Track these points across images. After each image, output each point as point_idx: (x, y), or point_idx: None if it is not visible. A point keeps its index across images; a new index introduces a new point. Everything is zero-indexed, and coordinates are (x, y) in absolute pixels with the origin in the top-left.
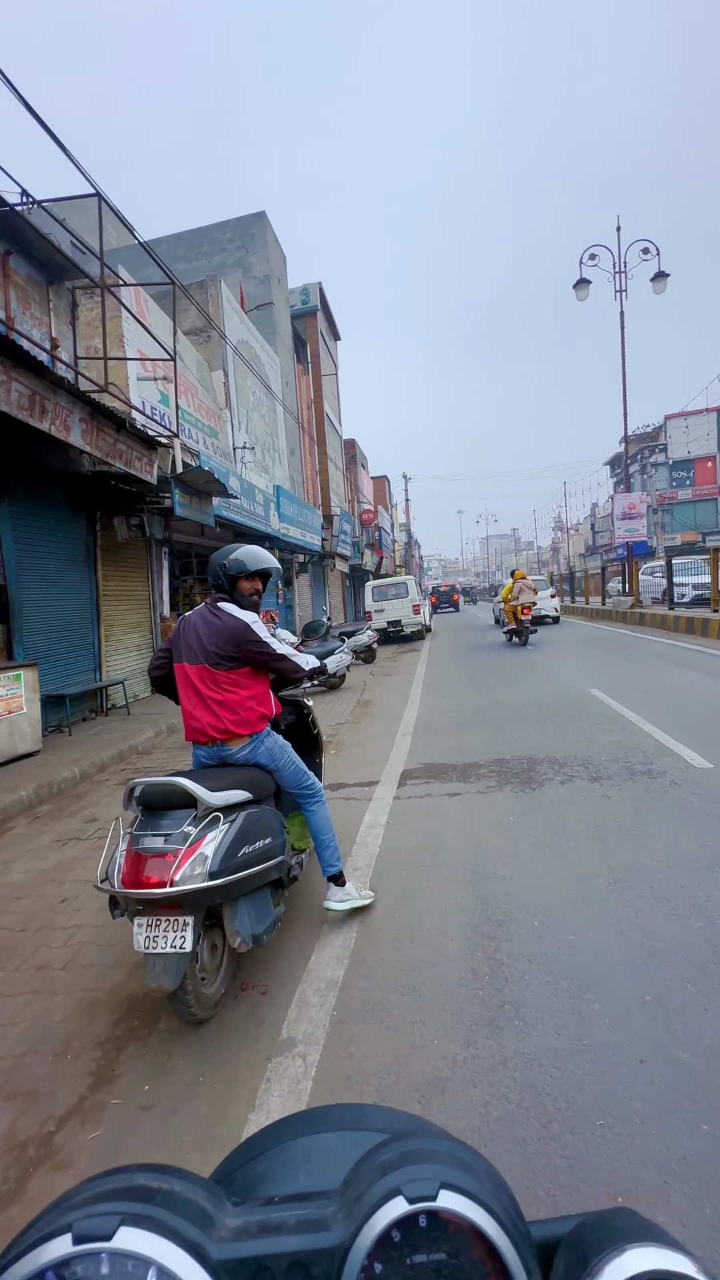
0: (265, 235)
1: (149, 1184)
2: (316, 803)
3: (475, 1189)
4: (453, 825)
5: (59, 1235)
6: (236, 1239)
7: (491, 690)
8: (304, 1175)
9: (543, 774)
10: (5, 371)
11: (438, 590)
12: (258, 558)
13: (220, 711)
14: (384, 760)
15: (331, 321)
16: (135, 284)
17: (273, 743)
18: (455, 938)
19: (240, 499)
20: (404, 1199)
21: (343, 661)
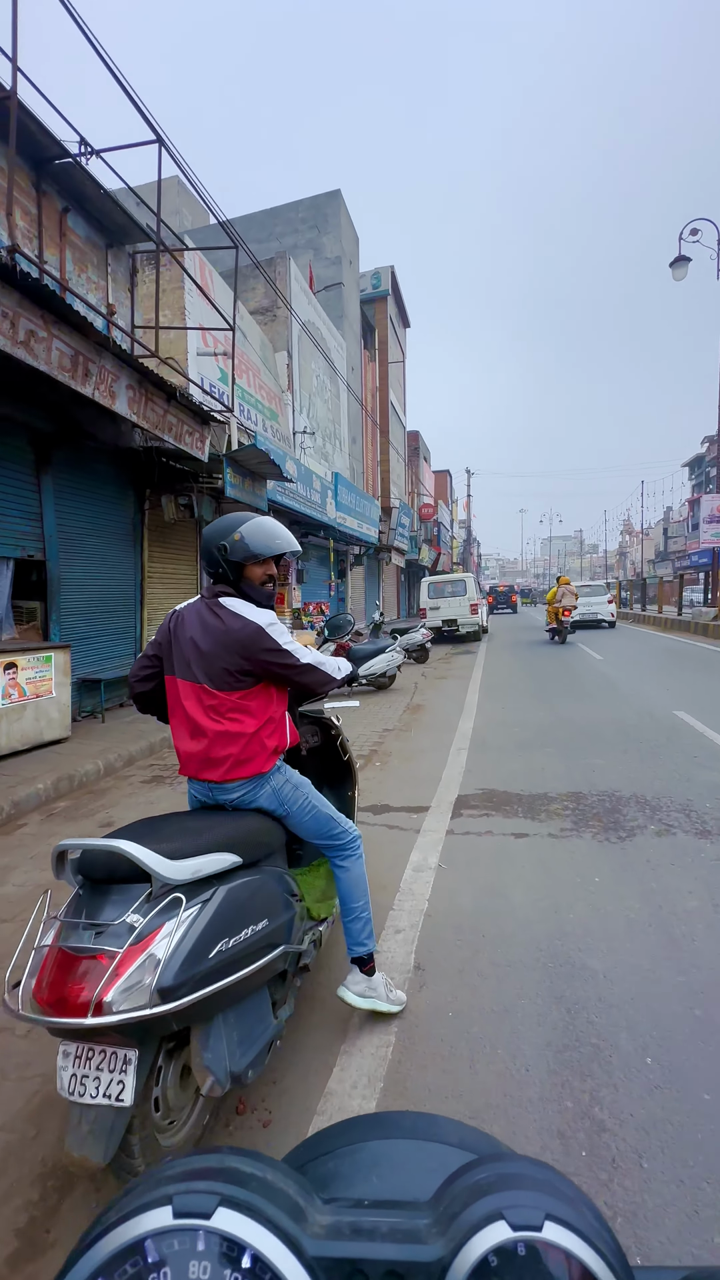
0: (339, 214)
1: (242, 1168)
2: (348, 857)
3: (581, 1224)
4: (521, 880)
5: (159, 1206)
6: (330, 1237)
7: (559, 704)
8: (376, 1179)
9: (631, 818)
10: (45, 327)
11: (495, 590)
12: (270, 536)
13: (219, 746)
14: (435, 780)
15: (402, 307)
16: (196, 248)
17: (282, 781)
18: (532, 1068)
19: (296, 484)
20: (507, 1224)
21: (394, 661)
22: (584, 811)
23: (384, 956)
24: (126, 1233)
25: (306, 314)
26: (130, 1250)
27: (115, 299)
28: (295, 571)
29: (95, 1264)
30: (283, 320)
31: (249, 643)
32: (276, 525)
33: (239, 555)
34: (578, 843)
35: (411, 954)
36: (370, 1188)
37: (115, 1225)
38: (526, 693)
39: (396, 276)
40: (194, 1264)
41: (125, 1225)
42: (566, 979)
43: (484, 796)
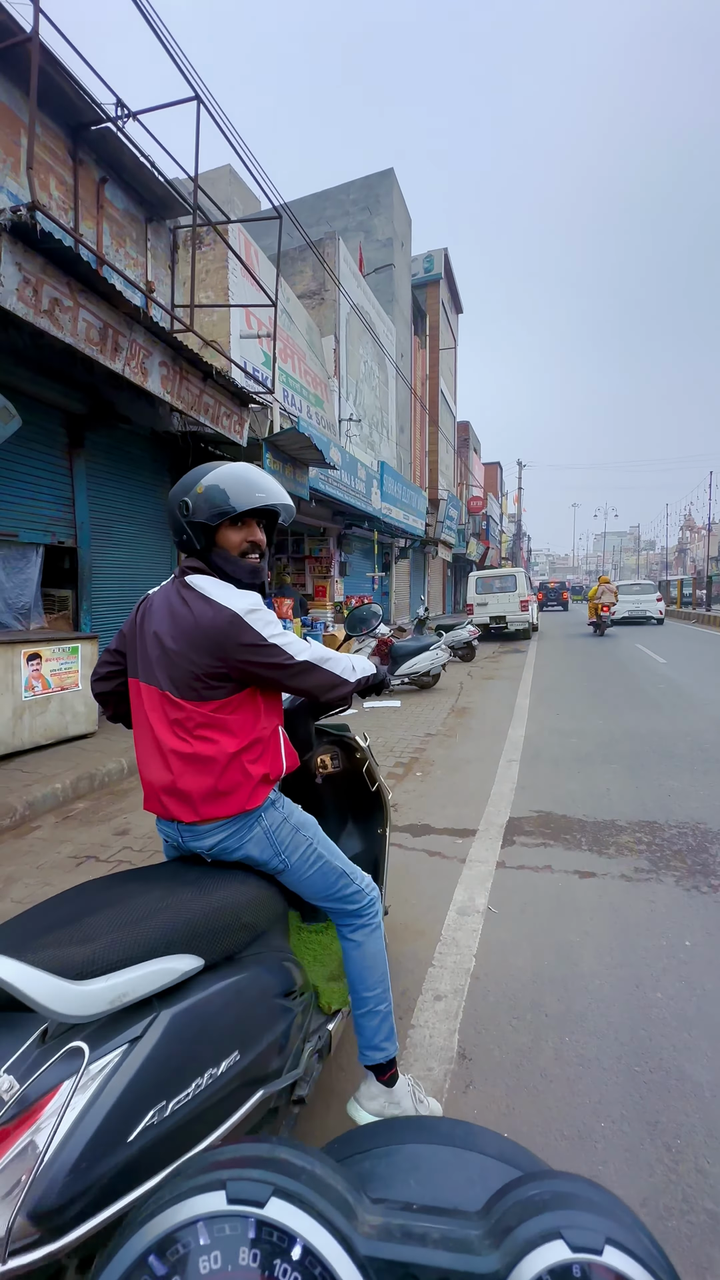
0: (391, 194)
1: (293, 1160)
2: (361, 927)
3: (642, 1252)
4: (591, 937)
5: (213, 1190)
6: (381, 1238)
7: (621, 712)
8: (415, 1183)
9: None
10: (72, 296)
11: (545, 587)
12: (246, 485)
13: (188, 775)
14: (483, 797)
15: (455, 292)
16: (238, 219)
17: (277, 821)
18: None
19: (340, 472)
20: (565, 1244)
21: (438, 659)
22: (662, 847)
23: (420, 1034)
24: (179, 1213)
25: (356, 297)
26: (182, 1231)
27: (155, 276)
28: (339, 564)
29: (148, 1242)
30: (330, 304)
31: (221, 637)
32: (257, 473)
33: (205, 514)
34: (658, 889)
35: (455, 1033)
36: (409, 1191)
37: (169, 1204)
38: (583, 697)
39: (450, 259)
40: (244, 1250)
41: (179, 1206)
42: (660, 1093)
43: (540, 821)
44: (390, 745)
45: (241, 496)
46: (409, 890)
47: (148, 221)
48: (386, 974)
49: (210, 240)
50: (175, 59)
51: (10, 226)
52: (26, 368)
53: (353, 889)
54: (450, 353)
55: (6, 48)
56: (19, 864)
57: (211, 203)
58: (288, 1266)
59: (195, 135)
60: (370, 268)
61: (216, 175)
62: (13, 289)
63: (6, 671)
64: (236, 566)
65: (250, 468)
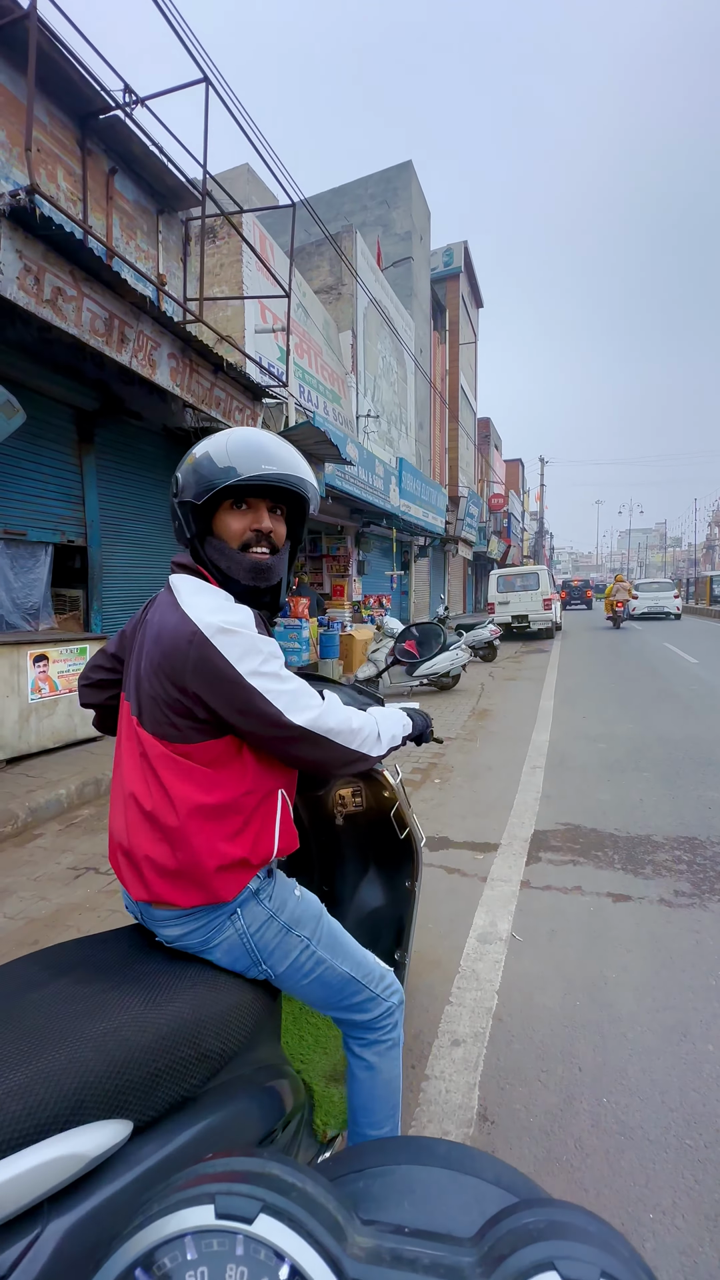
0: (409, 187)
1: (284, 1176)
2: (375, 1045)
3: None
4: (628, 973)
5: (202, 1204)
6: (371, 1261)
7: (651, 715)
8: (409, 1205)
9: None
10: (75, 285)
11: (569, 585)
12: (252, 451)
13: (141, 831)
14: (506, 808)
15: (475, 286)
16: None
17: (256, 920)
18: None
19: (357, 468)
20: (558, 1276)
21: (458, 659)
22: (704, 867)
23: (436, 1087)
24: (167, 1227)
25: (374, 291)
26: (169, 1245)
27: (166, 269)
28: (356, 563)
29: (135, 1255)
30: (347, 299)
31: (178, 659)
32: (269, 439)
33: (194, 490)
34: (704, 917)
35: (475, 1087)
36: (402, 1213)
37: (156, 1217)
38: (611, 700)
39: (470, 253)
40: (231, 1267)
41: (166, 1219)
42: (719, 1172)
43: (568, 835)
44: (407, 750)
45: (242, 464)
46: (425, 913)
47: (159, 213)
48: (398, 1106)
49: (225, 234)
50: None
51: (9, 211)
52: (34, 363)
53: (364, 997)
54: (470, 347)
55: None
56: (17, 875)
57: (225, 193)
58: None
59: (204, 119)
60: (388, 262)
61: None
62: (13, 277)
63: (12, 673)
64: (232, 562)
65: (261, 433)
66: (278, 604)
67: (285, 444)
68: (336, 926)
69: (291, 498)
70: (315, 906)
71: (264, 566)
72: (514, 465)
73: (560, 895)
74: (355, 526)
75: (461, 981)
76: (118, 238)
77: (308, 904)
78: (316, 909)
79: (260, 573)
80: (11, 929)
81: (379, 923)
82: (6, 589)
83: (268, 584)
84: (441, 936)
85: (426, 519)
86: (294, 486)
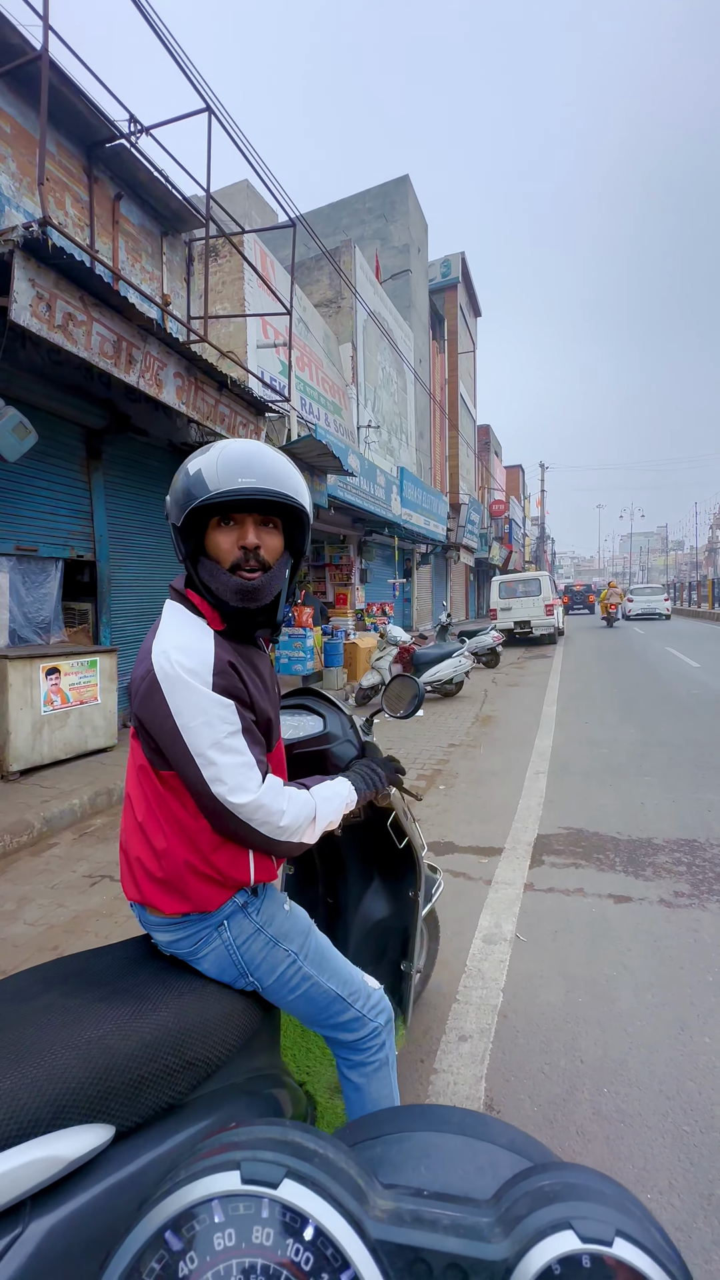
0: (407, 201)
1: (306, 1143)
2: (362, 1068)
3: (652, 1245)
4: (628, 970)
5: (228, 1170)
6: (393, 1222)
7: (653, 720)
8: (425, 1170)
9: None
10: (85, 310)
11: (571, 590)
12: (231, 463)
13: (134, 836)
14: (510, 813)
15: (473, 295)
16: (252, 230)
17: (243, 933)
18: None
19: (359, 478)
20: (575, 1235)
21: (461, 666)
22: (704, 868)
23: (444, 1080)
24: (194, 1191)
25: (372, 304)
26: (198, 1208)
27: (170, 289)
28: (359, 571)
29: (164, 1218)
30: (347, 312)
31: (136, 690)
32: (256, 451)
33: (176, 510)
34: (702, 917)
35: (481, 1080)
36: (419, 1177)
37: (185, 1183)
38: (613, 704)
39: (467, 263)
40: (257, 1229)
41: (194, 1184)
42: (714, 1158)
43: (570, 838)
44: (412, 756)
45: (218, 480)
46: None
47: (163, 235)
48: None
49: (226, 253)
50: (186, 71)
51: (23, 243)
52: (44, 384)
53: (350, 1015)
54: (469, 356)
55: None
56: (34, 883)
57: (226, 214)
58: (300, 1246)
59: (207, 146)
60: (387, 274)
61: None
62: (26, 304)
63: (25, 686)
64: (220, 584)
65: (245, 444)
66: (275, 622)
67: (272, 454)
68: (325, 943)
69: (285, 509)
70: (304, 922)
71: (250, 588)
72: (514, 471)
73: (563, 897)
74: (358, 535)
75: (468, 980)
76: (123, 260)
77: (296, 919)
78: (305, 924)
79: (247, 594)
80: (33, 935)
81: (385, 934)
82: (19, 604)
83: (257, 605)
84: (449, 938)
85: (428, 527)
86: (275, 499)
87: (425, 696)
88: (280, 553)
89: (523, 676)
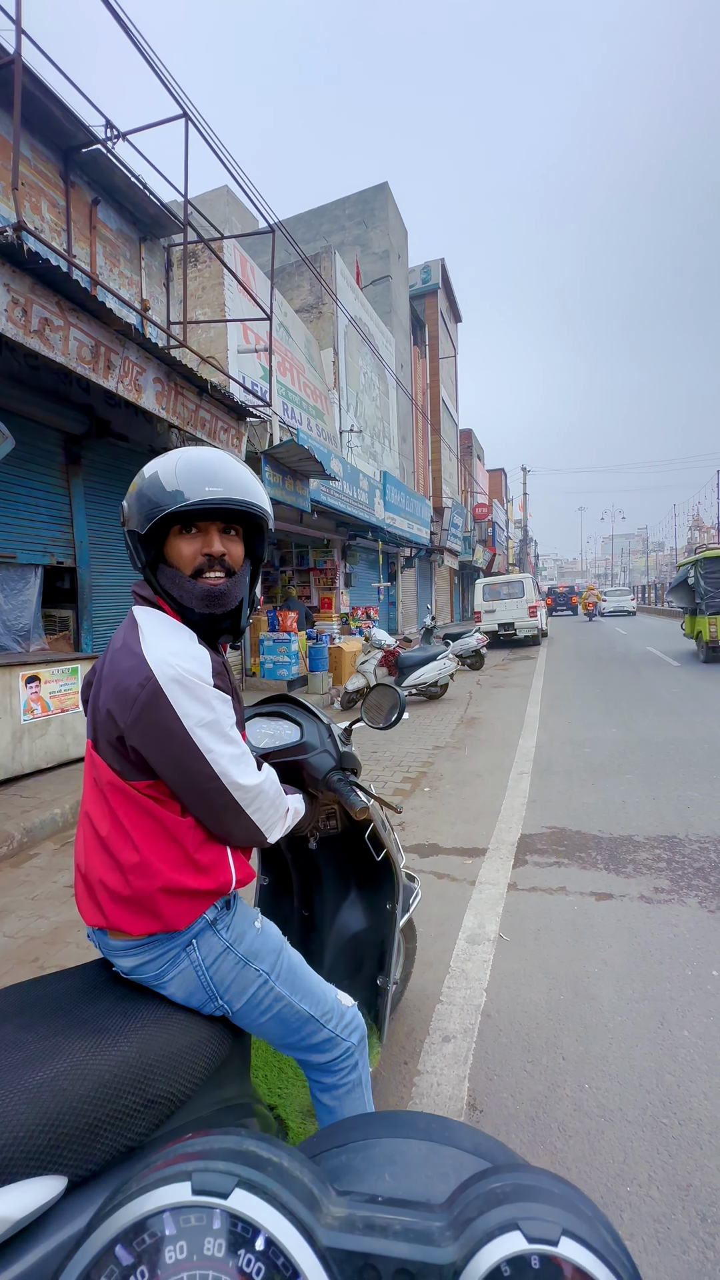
0: (386, 208)
1: (260, 1152)
2: (334, 1090)
3: (598, 1243)
4: (609, 966)
5: (180, 1181)
6: (344, 1229)
7: (634, 719)
8: (389, 1177)
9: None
10: (61, 315)
11: (554, 591)
12: (196, 472)
13: (95, 855)
14: (494, 813)
15: (453, 301)
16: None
17: (212, 952)
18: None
19: (341, 483)
20: (522, 1235)
21: (446, 669)
22: (683, 864)
23: (427, 1081)
24: (145, 1204)
25: (353, 310)
26: (148, 1221)
27: (150, 294)
28: (344, 575)
29: (114, 1232)
30: (328, 317)
31: (127, 704)
32: (216, 460)
33: (138, 519)
34: (680, 911)
35: (464, 1079)
36: (382, 1185)
37: (135, 1196)
38: (595, 705)
39: (447, 269)
40: (208, 1240)
41: (144, 1197)
42: (692, 1150)
43: (553, 837)
44: (397, 759)
45: (186, 488)
46: (416, 917)
47: (141, 241)
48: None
49: (206, 258)
50: (162, 78)
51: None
52: (22, 389)
53: (322, 1036)
54: (450, 361)
55: None
56: (14, 894)
57: (205, 220)
58: (251, 1257)
59: (184, 153)
60: (368, 280)
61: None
62: (1, 309)
63: (5, 695)
64: (184, 590)
65: (212, 452)
66: (239, 628)
67: (233, 463)
68: (297, 961)
69: (246, 517)
70: (275, 939)
71: (217, 593)
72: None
73: (546, 896)
74: (342, 539)
75: (451, 981)
76: (101, 266)
77: (267, 936)
78: (276, 942)
79: (214, 600)
80: (12, 947)
81: (361, 947)
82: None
83: (224, 609)
84: (433, 939)
85: (411, 530)
86: (242, 508)
87: (407, 703)
88: (242, 560)
89: (507, 678)
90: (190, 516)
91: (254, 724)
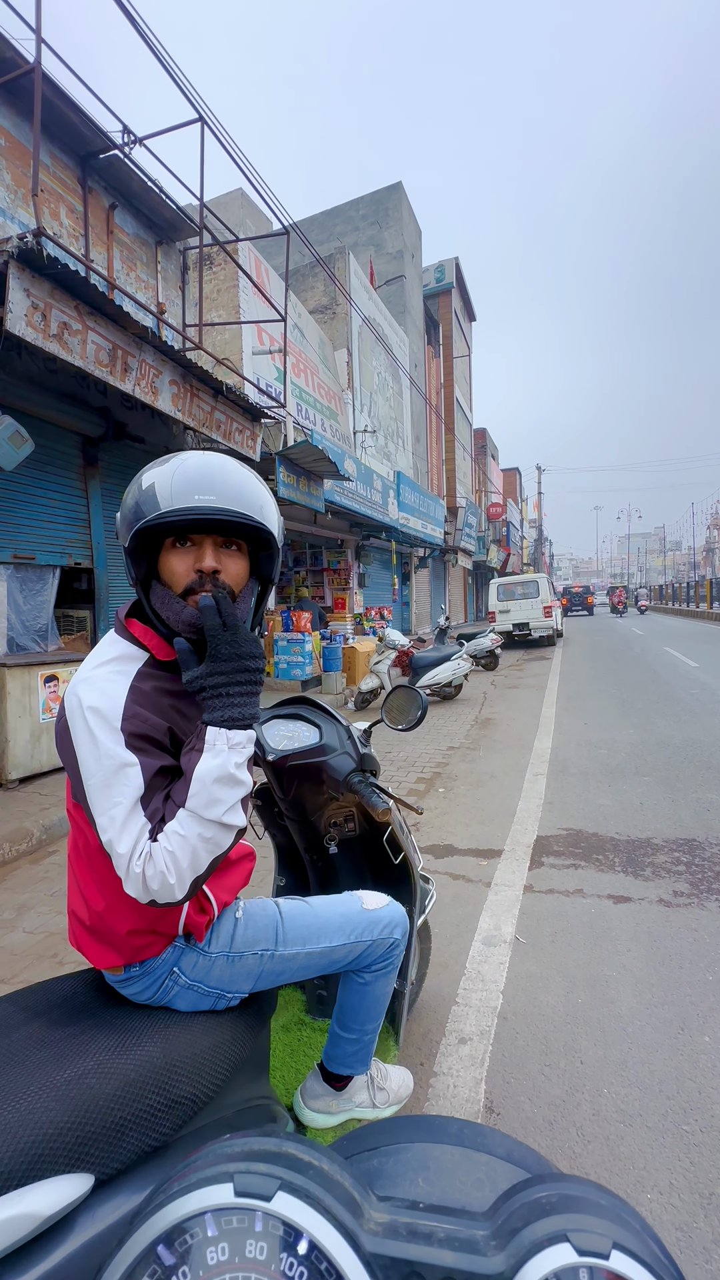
0: (400, 208)
1: (300, 1155)
2: (369, 972)
3: (649, 1258)
4: (628, 971)
5: (222, 1183)
6: (387, 1235)
7: (652, 720)
8: (423, 1181)
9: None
10: (80, 319)
11: (569, 591)
12: (187, 479)
13: (73, 890)
14: (509, 815)
15: (467, 300)
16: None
17: (201, 963)
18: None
19: (355, 483)
20: (572, 1248)
21: (460, 669)
22: (703, 868)
23: (443, 1083)
24: (187, 1205)
25: (367, 310)
26: (190, 1222)
27: (166, 297)
28: (357, 575)
29: (156, 1232)
30: (342, 318)
31: (59, 739)
32: (215, 465)
33: (126, 527)
34: (701, 916)
35: (481, 1082)
36: (416, 1189)
37: (177, 1196)
38: (612, 705)
39: (461, 268)
40: (250, 1243)
41: (186, 1198)
42: (714, 1157)
43: (569, 839)
44: (411, 759)
45: (173, 497)
46: (431, 918)
47: (158, 244)
48: (380, 1018)
49: (221, 260)
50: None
51: (18, 253)
52: (41, 392)
53: (359, 951)
54: (464, 360)
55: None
56: (34, 891)
57: (220, 222)
58: (294, 1260)
59: (200, 156)
60: (381, 280)
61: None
62: (21, 314)
63: (24, 694)
64: (171, 612)
65: (212, 457)
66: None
67: (235, 469)
68: (303, 913)
69: (251, 532)
70: (267, 915)
71: (201, 611)
72: (511, 474)
73: (562, 898)
74: (355, 540)
75: (467, 983)
76: (118, 269)
77: (254, 920)
78: (269, 919)
79: (202, 616)
80: (32, 943)
81: None
82: (17, 612)
83: (205, 631)
84: (448, 941)
85: (425, 530)
86: (237, 520)
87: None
88: (245, 579)
89: (521, 678)
90: (182, 528)
91: (272, 726)
